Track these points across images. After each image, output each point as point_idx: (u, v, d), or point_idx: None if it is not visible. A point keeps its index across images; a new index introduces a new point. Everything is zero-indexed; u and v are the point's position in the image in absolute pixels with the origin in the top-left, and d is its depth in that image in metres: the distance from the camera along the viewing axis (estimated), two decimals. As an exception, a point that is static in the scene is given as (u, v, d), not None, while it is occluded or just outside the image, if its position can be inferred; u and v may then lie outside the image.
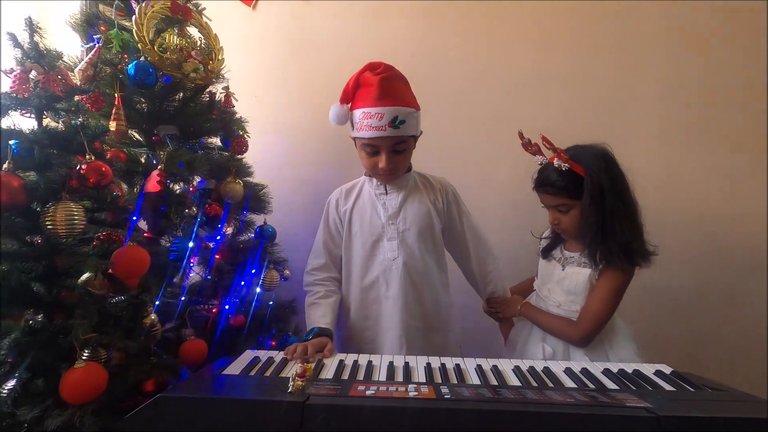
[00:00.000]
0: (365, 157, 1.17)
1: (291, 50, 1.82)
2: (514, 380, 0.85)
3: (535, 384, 0.83)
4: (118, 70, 1.16)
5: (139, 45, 1.15)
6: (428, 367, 0.89)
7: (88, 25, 1.22)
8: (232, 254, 1.35)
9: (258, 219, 1.49)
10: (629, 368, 0.91)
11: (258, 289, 1.33)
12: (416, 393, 0.71)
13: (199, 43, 1.29)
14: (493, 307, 1.32)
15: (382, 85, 1.09)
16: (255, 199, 1.46)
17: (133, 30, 1.15)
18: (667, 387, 0.83)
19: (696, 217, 1.63)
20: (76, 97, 1.00)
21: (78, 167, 0.79)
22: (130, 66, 1.13)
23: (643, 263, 1.09)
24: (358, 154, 1.20)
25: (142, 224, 1.22)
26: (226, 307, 1.27)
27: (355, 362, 0.92)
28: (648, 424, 0.63)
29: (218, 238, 1.29)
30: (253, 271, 1.36)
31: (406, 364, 0.91)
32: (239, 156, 1.44)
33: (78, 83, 1.11)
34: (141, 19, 1.17)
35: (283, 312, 1.48)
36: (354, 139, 1.20)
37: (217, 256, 1.29)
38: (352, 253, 1.23)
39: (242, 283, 1.30)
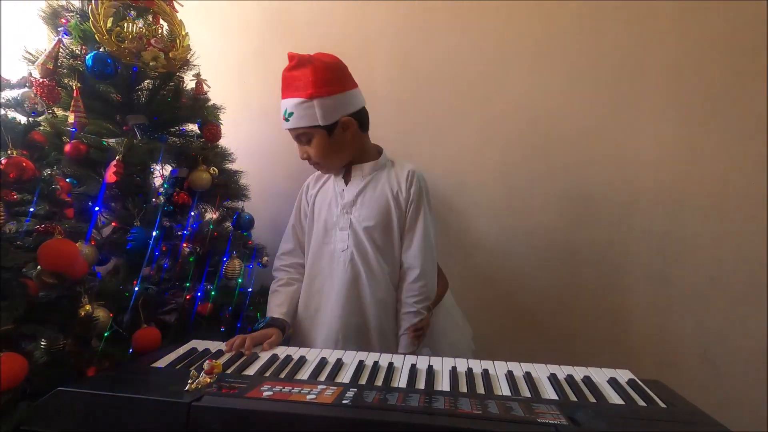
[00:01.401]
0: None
1: (275, 34, 1.78)
2: (444, 383, 0.79)
3: (464, 390, 0.76)
4: (77, 62, 1.17)
5: (96, 36, 1.16)
6: (359, 366, 0.85)
7: (55, 17, 1.25)
8: (204, 242, 1.35)
9: (247, 206, 1.49)
10: (580, 374, 0.82)
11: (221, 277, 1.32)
12: (314, 397, 0.67)
13: (160, 30, 1.28)
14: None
15: (285, 78, 1.14)
16: (230, 186, 1.45)
17: (90, 20, 1.16)
18: (615, 398, 0.73)
19: (716, 205, 1.45)
20: (32, 90, 1.02)
21: (-1, 162, 0.80)
22: (88, 57, 1.14)
23: None
24: None
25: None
26: (195, 294, 1.28)
27: (288, 357, 0.90)
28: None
29: (186, 226, 1.30)
30: (225, 259, 1.36)
31: (338, 360, 0.87)
32: (214, 143, 1.43)
33: (39, 77, 1.14)
34: (98, 8, 1.16)
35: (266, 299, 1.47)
36: None
37: (184, 245, 1.30)
38: (312, 239, 1.19)
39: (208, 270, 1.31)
